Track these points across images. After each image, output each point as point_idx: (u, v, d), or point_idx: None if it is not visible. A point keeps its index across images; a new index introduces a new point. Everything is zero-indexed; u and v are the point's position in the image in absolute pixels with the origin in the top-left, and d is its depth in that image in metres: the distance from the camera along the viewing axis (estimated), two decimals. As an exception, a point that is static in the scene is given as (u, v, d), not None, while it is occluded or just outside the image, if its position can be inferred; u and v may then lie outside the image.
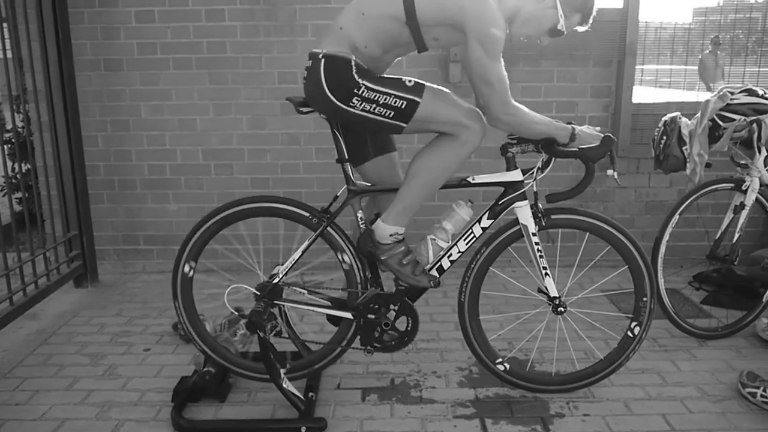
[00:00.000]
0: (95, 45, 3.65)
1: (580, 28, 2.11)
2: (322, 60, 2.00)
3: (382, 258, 2.17)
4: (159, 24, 3.64)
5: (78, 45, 3.58)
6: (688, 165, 2.84)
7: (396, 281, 2.23)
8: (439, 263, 2.27)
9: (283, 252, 2.45)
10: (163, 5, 3.61)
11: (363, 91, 1.98)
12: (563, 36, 2.09)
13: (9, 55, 3.05)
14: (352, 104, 2.00)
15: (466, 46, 1.98)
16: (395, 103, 1.99)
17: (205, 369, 2.42)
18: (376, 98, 1.98)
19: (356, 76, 1.98)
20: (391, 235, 2.15)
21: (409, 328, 2.29)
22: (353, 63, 1.98)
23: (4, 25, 3.07)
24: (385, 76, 2.04)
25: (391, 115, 2.01)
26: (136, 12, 3.62)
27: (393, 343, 2.29)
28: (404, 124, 2.03)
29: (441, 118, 2.03)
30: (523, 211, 2.24)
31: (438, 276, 2.25)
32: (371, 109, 2.00)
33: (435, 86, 2.05)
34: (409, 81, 2.02)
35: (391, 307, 2.26)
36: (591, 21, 2.09)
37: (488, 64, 1.95)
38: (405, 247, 2.19)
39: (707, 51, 3.02)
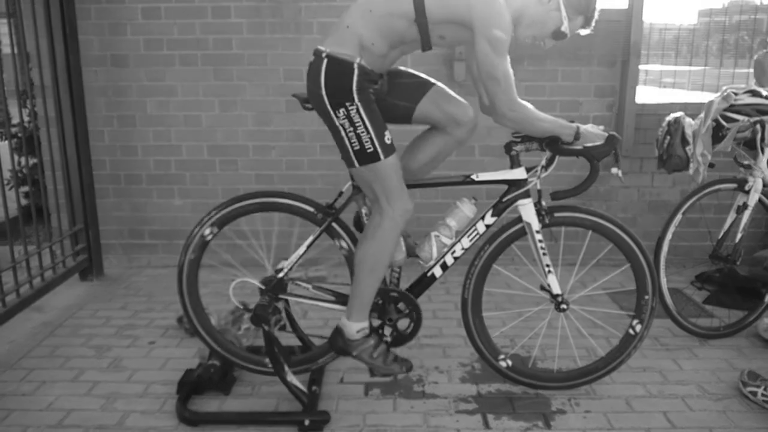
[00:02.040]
0: (102, 41, 3.68)
1: (583, 31, 2.12)
2: (325, 60, 2.01)
3: (354, 354, 2.22)
4: (165, 20, 3.66)
5: (85, 41, 3.61)
6: (691, 165, 2.84)
7: (370, 372, 2.26)
8: (442, 260, 2.29)
9: (279, 248, 2.47)
10: (170, 2, 3.63)
11: (353, 110, 1.99)
12: (567, 38, 2.10)
13: (16, 50, 3.07)
14: (337, 114, 2.01)
15: (473, 43, 1.99)
16: (365, 143, 2.01)
17: (210, 362, 2.44)
18: (356, 124, 2.00)
19: (355, 93, 1.99)
20: (358, 332, 2.20)
21: (412, 324, 2.31)
22: (356, 72, 1.98)
23: (12, 20, 3.10)
24: (379, 115, 2.05)
25: (355, 148, 2.03)
26: (142, 8, 3.64)
27: (397, 337, 2.31)
28: (355, 165, 2.05)
29: (379, 186, 2.06)
30: (527, 209, 2.25)
31: (410, 362, 2.27)
32: (346, 129, 2.02)
33: (399, 164, 2.08)
34: (389, 138, 2.04)
35: (392, 302, 2.28)
36: (593, 24, 2.10)
37: (495, 61, 1.97)
38: (374, 341, 2.23)
39: (763, 51, 3.02)
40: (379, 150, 2.02)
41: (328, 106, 2.02)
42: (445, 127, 2.23)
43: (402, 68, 2.27)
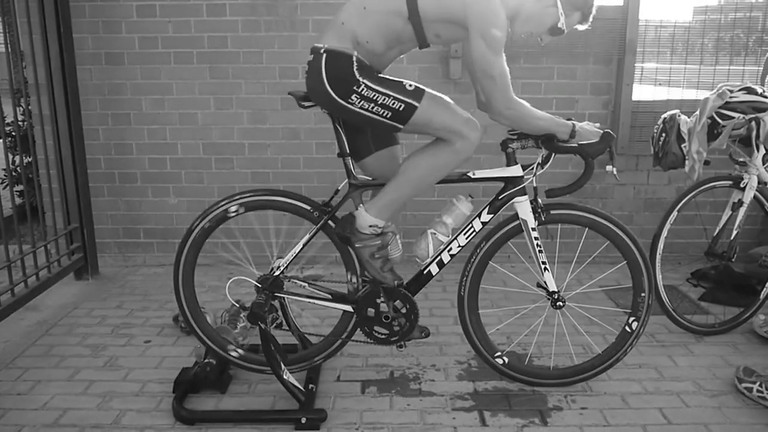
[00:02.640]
0: (96, 39, 3.66)
1: (581, 27, 2.13)
2: (324, 55, 2.02)
3: (356, 246, 2.19)
4: (160, 18, 3.65)
5: (79, 39, 3.59)
6: (686, 162, 2.85)
7: (362, 272, 2.25)
8: (439, 257, 2.29)
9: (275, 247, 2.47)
10: (164, 0, 3.63)
11: (363, 89, 1.99)
12: (564, 34, 2.11)
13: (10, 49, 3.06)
14: (350, 101, 2.01)
15: (469, 41, 1.99)
16: (393, 104, 2.00)
17: (206, 360, 2.43)
18: (374, 98, 2.00)
19: (357, 74, 1.99)
20: (370, 226, 2.17)
21: (408, 322, 2.31)
22: (355, 59, 1.99)
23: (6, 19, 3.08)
24: (387, 77, 2.05)
25: (388, 116, 2.02)
26: (137, 6, 3.63)
27: (394, 334, 2.31)
28: (401, 126, 2.05)
29: (437, 125, 2.05)
30: (523, 206, 2.25)
31: (402, 279, 2.26)
32: (369, 108, 2.01)
33: (435, 93, 2.07)
34: (410, 85, 2.03)
35: (389, 299, 2.27)
36: (591, 20, 2.11)
37: (491, 59, 1.97)
38: (381, 242, 2.20)
39: None
40: (408, 101, 2.00)
41: (339, 99, 2.02)
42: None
43: None
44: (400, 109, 2.01)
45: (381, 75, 2.06)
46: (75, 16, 3.52)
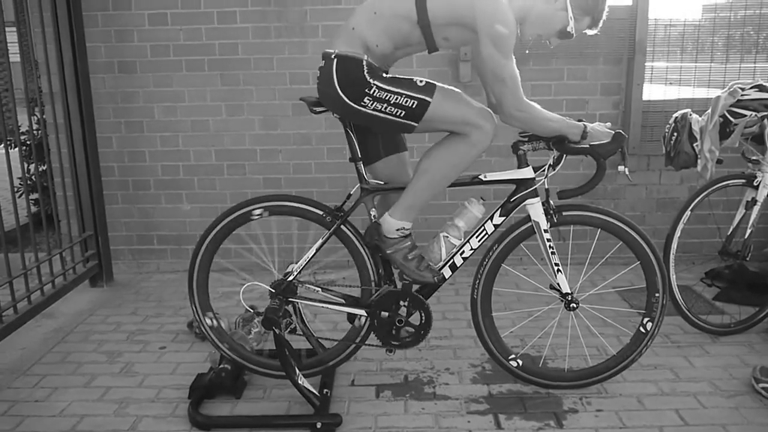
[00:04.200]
0: (109, 48, 3.70)
1: (590, 32, 2.12)
2: (335, 60, 2.03)
3: (388, 252, 2.19)
4: (172, 26, 3.68)
5: (92, 48, 3.63)
6: (699, 161, 2.84)
7: (401, 275, 2.25)
8: (451, 260, 2.29)
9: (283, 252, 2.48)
10: (176, 8, 3.65)
11: (374, 90, 2.00)
12: (573, 38, 2.10)
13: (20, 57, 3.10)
14: (363, 104, 2.02)
15: (478, 44, 2.00)
16: (406, 102, 2.01)
17: (221, 366, 2.45)
18: (387, 98, 2.01)
19: (368, 77, 2.00)
20: (397, 230, 2.18)
21: (422, 325, 2.31)
22: (365, 63, 2.01)
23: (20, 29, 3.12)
24: (397, 76, 2.06)
25: (402, 115, 2.03)
26: (149, 15, 3.66)
27: (408, 339, 2.31)
28: (415, 124, 2.05)
29: (452, 118, 2.05)
30: (535, 208, 2.25)
31: (441, 273, 2.26)
32: (382, 109, 2.02)
33: (446, 86, 2.07)
34: (420, 81, 2.04)
35: (403, 303, 2.28)
36: (600, 25, 2.10)
37: (500, 62, 1.97)
38: (411, 242, 2.21)
39: None
40: (421, 97, 2.01)
41: (352, 103, 2.03)
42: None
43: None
44: (413, 106, 2.01)
45: (391, 75, 2.07)
46: (88, 26, 3.56)
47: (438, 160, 2.12)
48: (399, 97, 2.00)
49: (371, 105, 2.02)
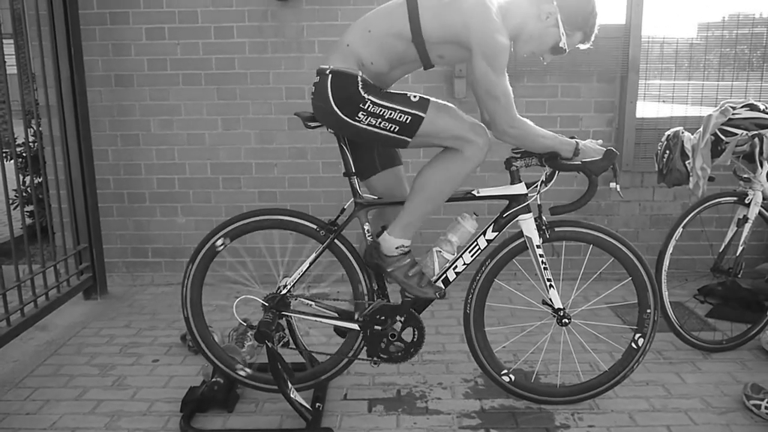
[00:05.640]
0: (106, 61, 3.72)
1: (582, 46, 2.15)
2: (330, 75, 2.05)
3: (389, 270, 2.20)
4: (169, 41, 3.70)
5: (89, 61, 3.65)
6: (691, 179, 2.86)
7: (402, 293, 2.26)
8: (444, 275, 2.30)
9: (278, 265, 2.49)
10: (173, 22, 3.68)
11: (369, 105, 2.02)
12: (566, 53, 2.13)
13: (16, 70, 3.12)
14: (357, 119, 2.04)
15: (471, 61, 2.02)
16: (400, 118, 2.03)
17: (214, 379, 2.44)
18: (381, 113, 2.02)
19: (362, 92, 2.02)
20: (397, 248, 2.19)
21: (415, 340, 2.31)
22: (360, 79, 2.03)
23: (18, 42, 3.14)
24: (391, 91, 2.09)
25: (396, 130, 2.05)
26: (146, 29, 3.69)
27: (399, 354, 2.32)
28: (409, 139, 2.07)
29: (445, 133, 2.07)
30: (528, 224, 2.27)
31: (443, 287, 2.28)
32: (376, 124, 2.04)
33: (440, 101, 2.09)
34: (414, 96, 2.06)
35: (398, 318, 2.29)
36: (593, 39, 2.13)
37: (494, 79, 2.00)
38: (411, 259, 2.22)
39: None
40: (414, 112, 2.03)
41: (346, 118, 2.05)
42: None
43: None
44: (407, 121, 2.03)
45: (385, 90, 2.09)
46: (85, 39, 3.59)
47: (433, 177, 2.13)
48: (393, 113, 2.02)
49: (365, 120, 2.03)
